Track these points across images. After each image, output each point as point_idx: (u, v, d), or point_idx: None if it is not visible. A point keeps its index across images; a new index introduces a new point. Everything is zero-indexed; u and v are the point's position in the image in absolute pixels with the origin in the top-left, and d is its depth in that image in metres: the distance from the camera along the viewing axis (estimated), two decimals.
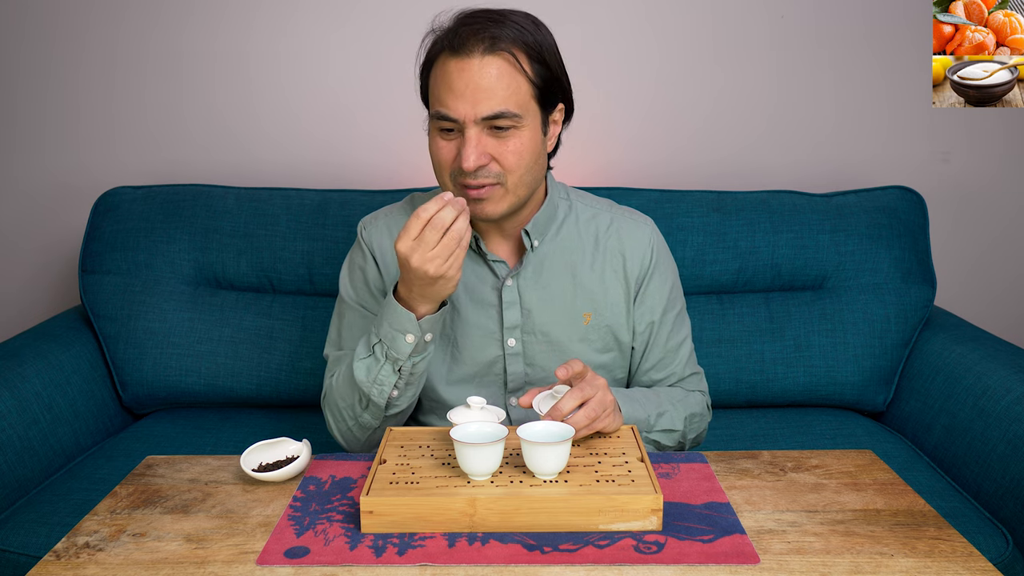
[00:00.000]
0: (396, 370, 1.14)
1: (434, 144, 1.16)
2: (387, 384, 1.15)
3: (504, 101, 1.10)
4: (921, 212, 1.80)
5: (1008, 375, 1.49)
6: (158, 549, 0.91)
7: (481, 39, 1.09)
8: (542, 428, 0.98)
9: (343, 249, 1.76)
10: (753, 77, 1.98)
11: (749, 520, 0.95)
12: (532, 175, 1.17)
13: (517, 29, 1.12)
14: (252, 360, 1.75)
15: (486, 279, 1.26)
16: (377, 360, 1.15)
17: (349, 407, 1.21)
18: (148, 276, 1.77)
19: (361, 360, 1.16)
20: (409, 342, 1.12)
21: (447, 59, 1.11)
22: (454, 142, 1.14)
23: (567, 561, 0.87)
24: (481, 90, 1.09)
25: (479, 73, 1.09)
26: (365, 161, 2.02)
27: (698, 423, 1.29)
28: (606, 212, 1.31)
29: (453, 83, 1.10)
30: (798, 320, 1.75)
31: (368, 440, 1.24)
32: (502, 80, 1.10)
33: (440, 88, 1.12)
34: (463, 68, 1.10)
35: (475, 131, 1.11)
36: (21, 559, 1.33)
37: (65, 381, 1.64)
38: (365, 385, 1.16)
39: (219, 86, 2.00)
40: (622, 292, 1.28)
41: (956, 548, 0.89)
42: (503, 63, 1.10)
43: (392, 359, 1.14)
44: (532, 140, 1.14)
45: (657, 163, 2.02)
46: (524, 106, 1.13)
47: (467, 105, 1.10)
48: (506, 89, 1.10)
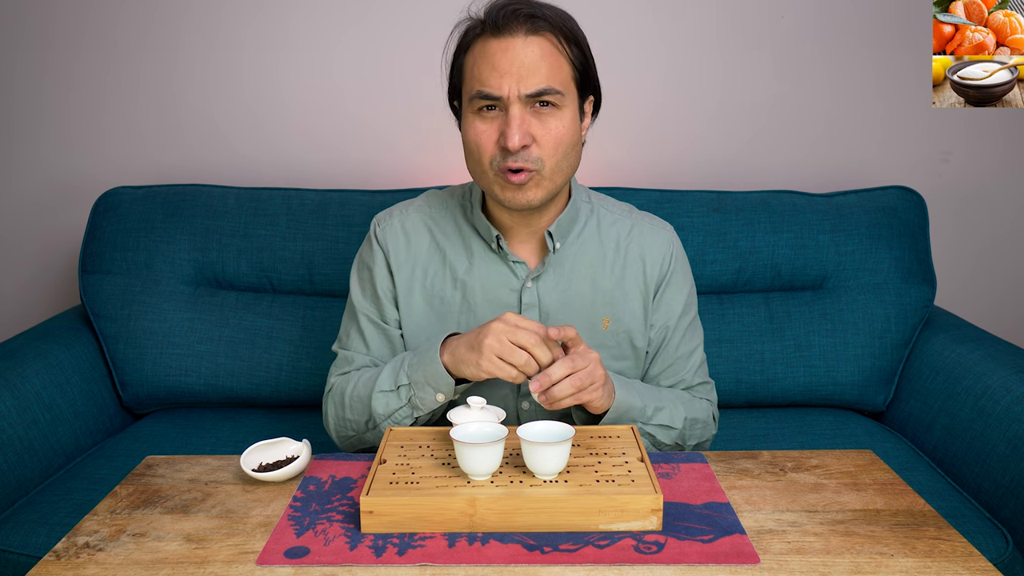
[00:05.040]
0: (414, 416, 1.17)
1: (472, 129, 1.14)
2: (403, 423, 1.18)
3: (548, 78, 1.10)
4: (921, 212, 1.80)
5: (1008, 375, 1.49)
6: (158, 549, 0.91)
7: (522, 20, 1.10)
8: (542, 428, 0.98)
9: (343, 249, 1.76)
10: (753, 77, 1.98)
11: (749, 520, 0.95)
12: (568, 162, 1.16)
13: (555, 14, 1.13)
14: (252, 360, 1.75)
15: (506, 280, 1.25)
16: (399, 399, 1.16)
17: (356, 423, 1.22)
18: (148, 276, 1.77)
19: (382, 392, 1.17)
20: (439, 401, 1.14)
21: (488, 40, 1.11)
22: (495, 123, 1.12)
23: (567, 561, 0.87)
24: (525, 67, 1.09)
25: (523, 51, 1.09)
26: (365, 161, 2.02)
27: (700, 430, 1.27)
28: (627, 218, 1.30)
29: (497, 62, 1.09)
30: (798, 320, 1.75)
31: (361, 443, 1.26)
32: (545, 59, 1.10)
33: (481, 68, 1.11)
34: (506, 47, 1.09)
35: (519, 108, 1.10)
36: (21, 559, 1.33)
37: (65, 381, 1.64)
38: (380, 417, 1.18)
39: (219, 86, 2.00)
40: (640, 298, 1.27)
41: (956, 548, 0.89)
42: (545, 43, 1.11)
43: (415, 406, 1.16)
44: (572, 124, 1.14)
45: (657, 163, 2.02)
46: (566, 86, 1.13)
47: (511, 81, 1.09)
48: (550, 67, 1.10)
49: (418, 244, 1.27)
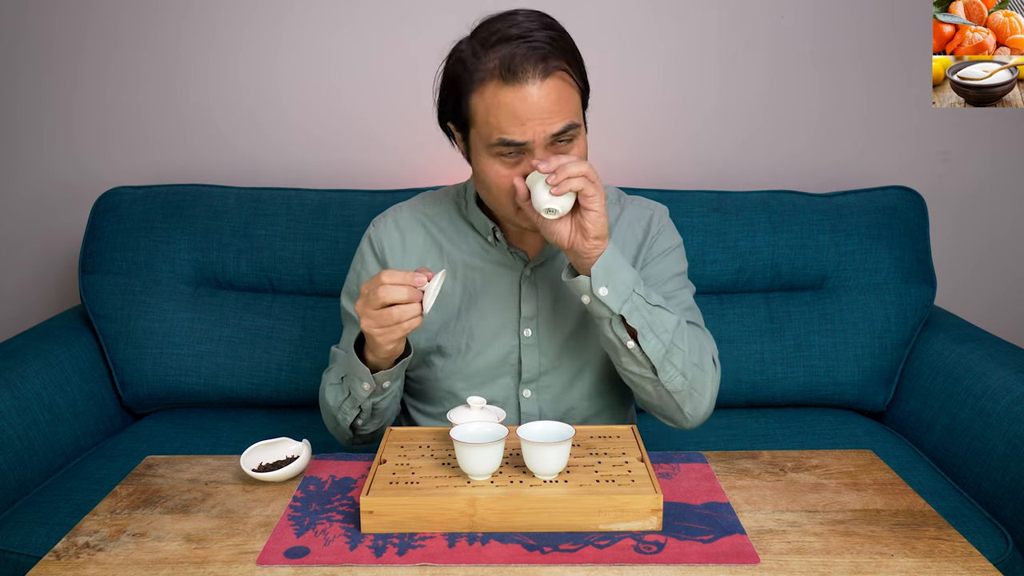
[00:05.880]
0: (357, 406, 1.20)
1: (493, 172, 1.12)
2: (350, 415, 1.21)
3: (568, 115, 1.09)
4: (921, 212, 1.80)
5: (1008, 375, 1.49)
6: (158, 549, 0.91)
7: (534, 63, 1.07)
8: (542, 428, 0.98)
9: (343, 249, 1.76)
10: (753, 77, 1.98)
11: (749, 520, 0.95)
12: None
13: (556, 41, 1.09)
14: (252, 360, 1.75)
15: (505, 269, 1.26)
16: (343, 391, 1.20)
17: (328, 416, 1.27)
18: (148, 276, 1.77)
19: (331, 385, 1.23)
20: (366, 389, 1.17)
21: (501, 88, 1.08)
22: (518, 168, 1.11)
23: (567, 561, 0.87)
24: (546, 111, 1.08)
25: (541, 97, 1.07)
26: (365, 161, 2.02)
27: (697, 348, 1.16)
28: (616, 204, 1.32)
29: (516, 111, 1.07)
30: (798, 320, 1.75)
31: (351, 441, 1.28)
32: (562, 98, 1.09)
33: (499, 118, 1.08)
34: (524, 97, 1.07)
35: (542, 149, 1.09)
36: (21, 559, 1.33)
37: (65, 381, 1.64)
38: (333, 409, 1.23)
39: (219, 86, 2.00)
40: None
41: (956, 548, 0.89)
42: (560, 82, 1.09)
43: (354, 398, 1.19)
44: (585, 143, 1.14)
45: (657, 163, 2.02)
46: (579, 114, 1.13)
47: (534, 127, 1.08)
48: (567, 104, 1.09)
49: (413, 240, 1.28)
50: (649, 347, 1.11)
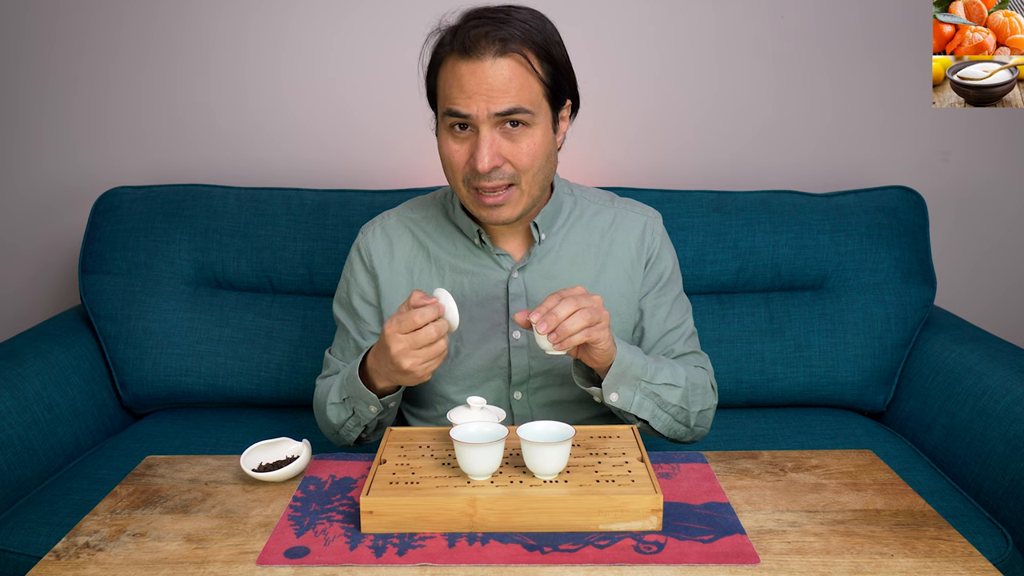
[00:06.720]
0: (362, 424, 1.21)
1: (445, 146, 1.15)
2: (355, 432, 1.23)
3: (517, 98, 1.10)
4: (921, 212, 1.80)
5: (1008, 375, 1.49)
6: (158, 549, 0.91)
7: (491, 41, 1.09)
8: (542, 428, 0.98)
9: (343, 249, 1.76)
10: (753, 77, 1.98)
11: (749, 520, 0.95)
12: (544, 174, 1.17)
13: (525, 28, 1.11)
14: (252, 360, 1.75)
15: (492, 272, 1.26)
16: (346, 410, 1.21)
17: (328, 428, 1.27)
18: (148, 276, 1.77)
19: (333, 404, 1.23)
20: (373, 411, 1.18)
21: (457, 61, 1.11)
22: (467, 144, 1.13)
23: (567, 561, 0.87)
24: (494, 90, 1.09)
25: (492, 74, 1.09)
26: (365, 161, 2.02)
27: (701, 396, 1.22)
28: (609, 207, 1.32)
29: (465, 84, 1.10)
30: (798, 320, 1.75)
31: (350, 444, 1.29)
32: (515, 80, 1.10)
33: (451, 89, 1.11)
34: (474, 70, 1.09)
35: (488, 130, 1.11)
36: (21, 559, 1.33)
37: (65, 381, 1.64)
38: (335, 426, 1.24)
39: (219, 86, 2.00)
40: (626, 285, 1.28)
41: (956, 548, 0.89)
42: (515, 64, 1.10)
43: (359, 418, 1.20)
44: (544, 139, 1.15)
45: (657, 163, 2.02)
46: (536, 104, 1.13)
47: (480, 101, 1.09)
48: (519, 89, 1.10)
49: (400, 245, 1.29)
50: (658, 424, 1.19)
